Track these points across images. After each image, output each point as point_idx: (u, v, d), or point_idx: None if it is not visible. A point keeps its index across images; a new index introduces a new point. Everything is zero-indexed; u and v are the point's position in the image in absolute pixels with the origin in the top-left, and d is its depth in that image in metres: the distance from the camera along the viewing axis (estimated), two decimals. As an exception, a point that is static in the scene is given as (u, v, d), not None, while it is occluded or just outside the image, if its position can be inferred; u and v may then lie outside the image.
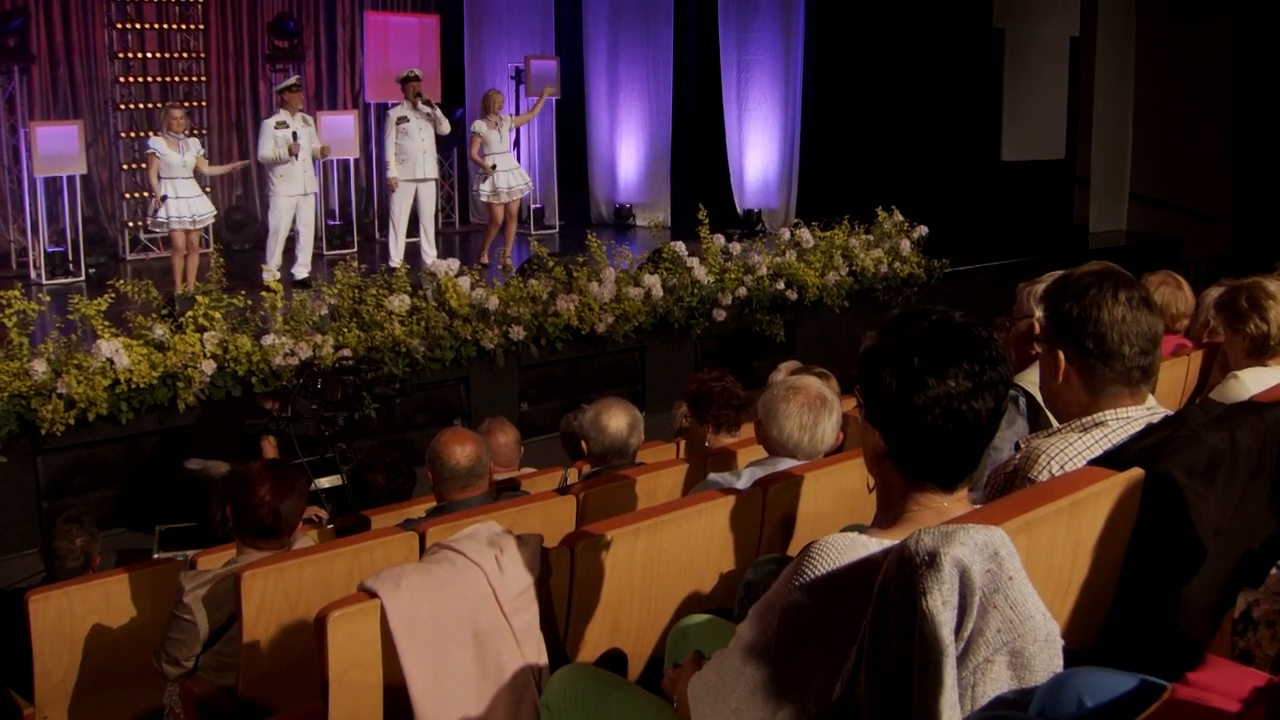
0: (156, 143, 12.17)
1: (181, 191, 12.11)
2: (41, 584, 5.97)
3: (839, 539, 2.32)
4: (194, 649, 4.57)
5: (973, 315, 2.37)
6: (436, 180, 14.03)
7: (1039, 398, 3.31)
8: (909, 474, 2.38)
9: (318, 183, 13.38)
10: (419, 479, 6.80)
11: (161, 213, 12.17)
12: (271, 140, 12.61)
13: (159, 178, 12.10)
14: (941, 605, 1.97)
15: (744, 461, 5.19)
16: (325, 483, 8.14)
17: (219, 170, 13.69)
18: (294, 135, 12.59)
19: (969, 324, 2.33)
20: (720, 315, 11.86)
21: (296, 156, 12.60)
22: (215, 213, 12.84)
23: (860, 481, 4.28)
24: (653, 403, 10.98)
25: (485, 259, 13.82)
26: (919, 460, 2.36)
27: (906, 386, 2.28)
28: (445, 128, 13.61)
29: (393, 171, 13.39)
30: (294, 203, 12.84)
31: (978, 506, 2.51)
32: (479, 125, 13.92)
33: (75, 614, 5.48)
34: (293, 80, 13.33)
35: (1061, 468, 2.81)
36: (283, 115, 12.80)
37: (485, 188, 13.94)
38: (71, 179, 13.69)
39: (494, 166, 13.74)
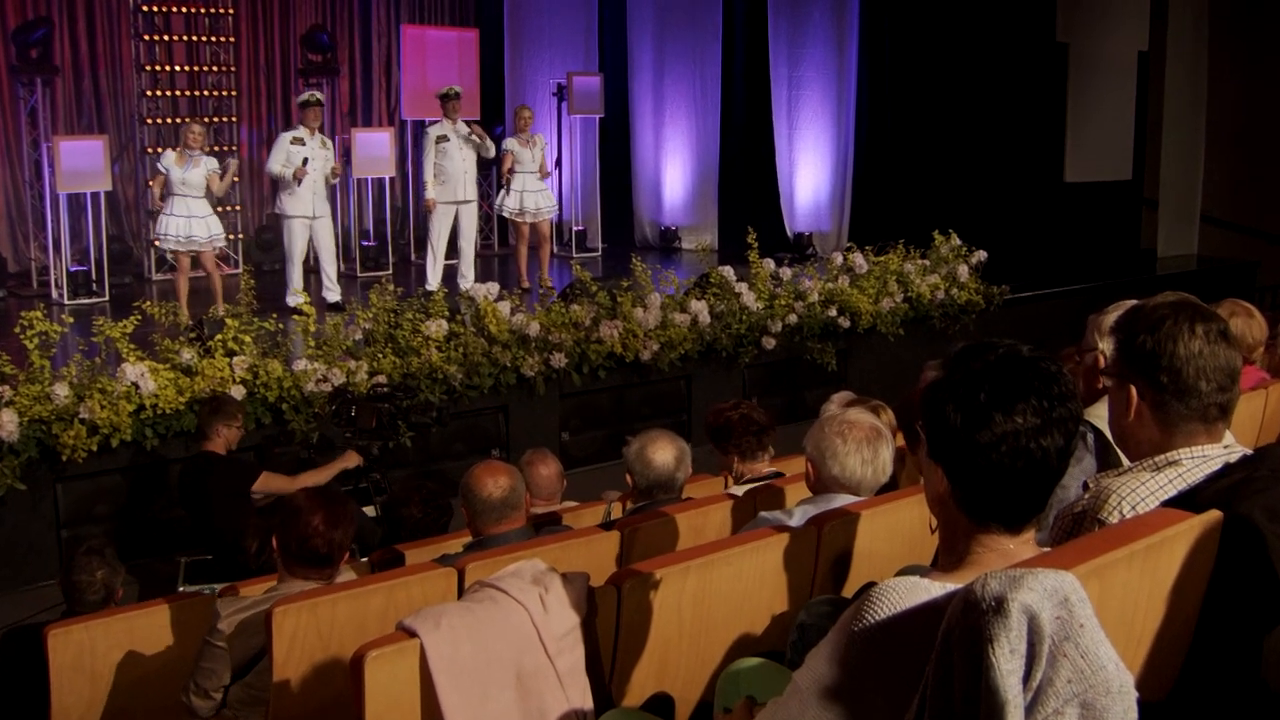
0: (166, 158, 12.24)
1: (181, 210, 12.12)
2: (61, 618, 5.98)
3: (900, 582, 2.31)
4: (224, 678, 4.59)
5: (1041, 349, 2.37)
6: (477, 202, 14.08)
7: (1108, 434, 3.29)
8: (974, 514, 2.36)
9: (328, 206, 13.31)
10: (454, 511, 6.81)
11: (161, 225, 12.26)
12: (283, 155, 12.64)
13: (164, 194, 12.17)
14: (1009, 654, 1.96)
15: (792, 495, 5.20)
16: (357, 513, 8.17)
17: (221, 187, 13.02)
18: (305, 160, 12.54)
19: (1037, 358, 2.32)
20: (770, 343, 11.86)
21: (300, 182, 12.56)
22: (221, 235, 12.67)
23: (917, 520, 4.30)
24: (699, 434, 10.92)
25: (525, 283, 13.87)
26: (984, 500, 2.34)
27: (972, 423, 2.27)
28: (490, 152, 13.71)
29: (431, 192, 13.48)
30: (306, 225, 12.83)
31: (1045, 549, 2.50)
32: (510, 142, 14.07)
33: (96, 650, 5.46)
34: (305, 95, 13.32)
35: (1133, 509, 2.78)
36: (301, 131, 12.83)
37: (509, 204, 14.07)
38: (95, 196, 13.77)
39: (510, 170, 13.96)
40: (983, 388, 2.28)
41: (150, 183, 12.41)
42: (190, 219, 12.15)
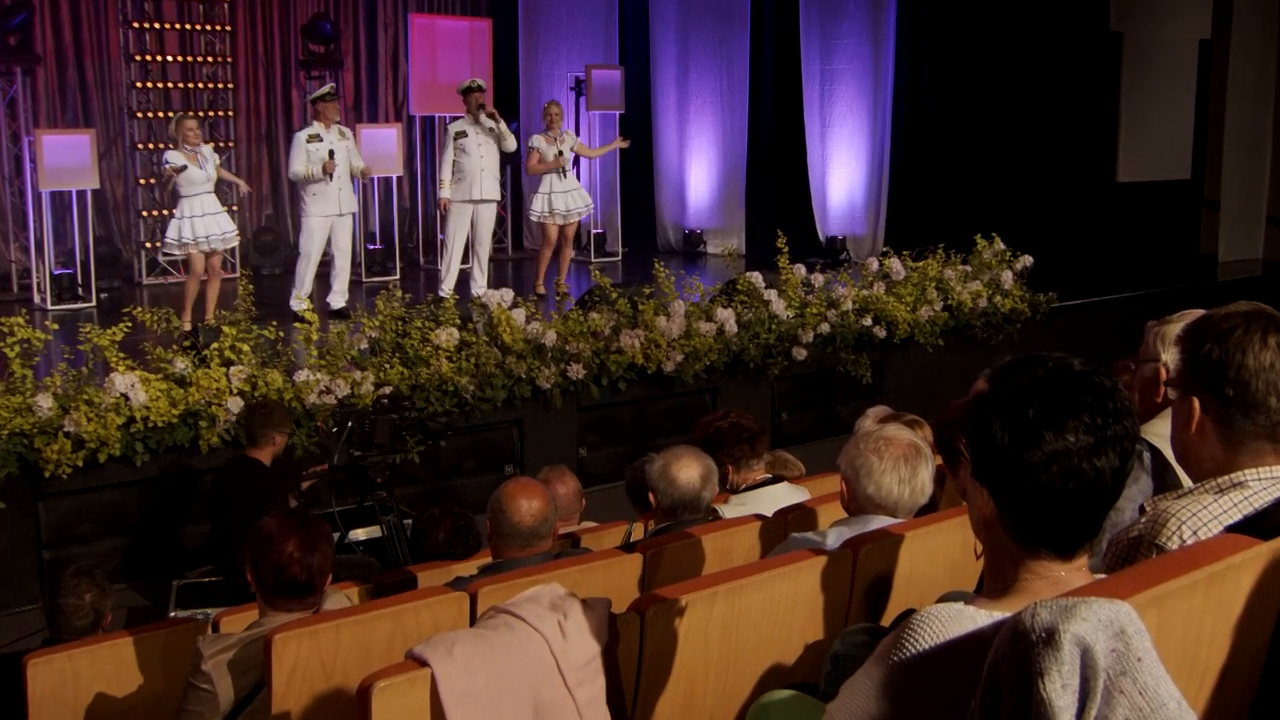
0: (174, 156, 12.09)
1: (202, 209, 12.10)
2: (42, 645, 5.95)
3: (943, 610, 2.31)
4: (213, 723, 4.58)
5: (1094, 362, 2.36)
6: (496, 202, 14.09)
7: (1166, 452, 3.28)
8: (1022, 539, 2.36)
9: (356, 201, 13.38)
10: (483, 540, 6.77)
11: (173, 231, 12.16)
12: (304, 155, 12.67)
13: (179, 195, 12.08)
14: (1061, 689, 1.96)
15: (825, 516, 5.20)
16: (362, 534, 8.15)
17: (228, 176, 13.34)
18: (330, 152, 12.62)
19: (1090, 372, 2.31)
20: (800, 354, 11.85)
21: (331, 176, 12.64)
22: (237, 232, 12.84)
23: (960, 543, 4.30)
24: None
25: (541, 289, 13.87)
26: (1033, 524, 2.33)
27: (1020, 441, 2.27)
28: (511, 144, 13.67)
29: (445, 191, 13.46)
30: (328, 224, 12.90)
31: (1099, 576, 2.49)
32: (537, 139, 14.08)
33: (80, 680, 5.44)
34: (327, 89, 13.31)
35: (1194, 534, 2.76)
36: (316, 127, 12.87)
37: (538, 207, 14.07)
38: (81, 194, 13.81)
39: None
40: (1031, 404, 2.27)
41: (174, 173, 12.15)
42: (211, 217, 12.16)
